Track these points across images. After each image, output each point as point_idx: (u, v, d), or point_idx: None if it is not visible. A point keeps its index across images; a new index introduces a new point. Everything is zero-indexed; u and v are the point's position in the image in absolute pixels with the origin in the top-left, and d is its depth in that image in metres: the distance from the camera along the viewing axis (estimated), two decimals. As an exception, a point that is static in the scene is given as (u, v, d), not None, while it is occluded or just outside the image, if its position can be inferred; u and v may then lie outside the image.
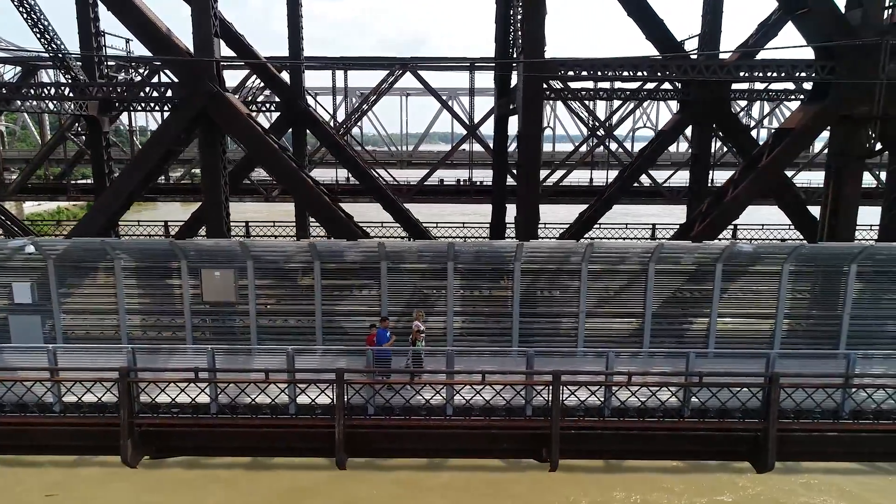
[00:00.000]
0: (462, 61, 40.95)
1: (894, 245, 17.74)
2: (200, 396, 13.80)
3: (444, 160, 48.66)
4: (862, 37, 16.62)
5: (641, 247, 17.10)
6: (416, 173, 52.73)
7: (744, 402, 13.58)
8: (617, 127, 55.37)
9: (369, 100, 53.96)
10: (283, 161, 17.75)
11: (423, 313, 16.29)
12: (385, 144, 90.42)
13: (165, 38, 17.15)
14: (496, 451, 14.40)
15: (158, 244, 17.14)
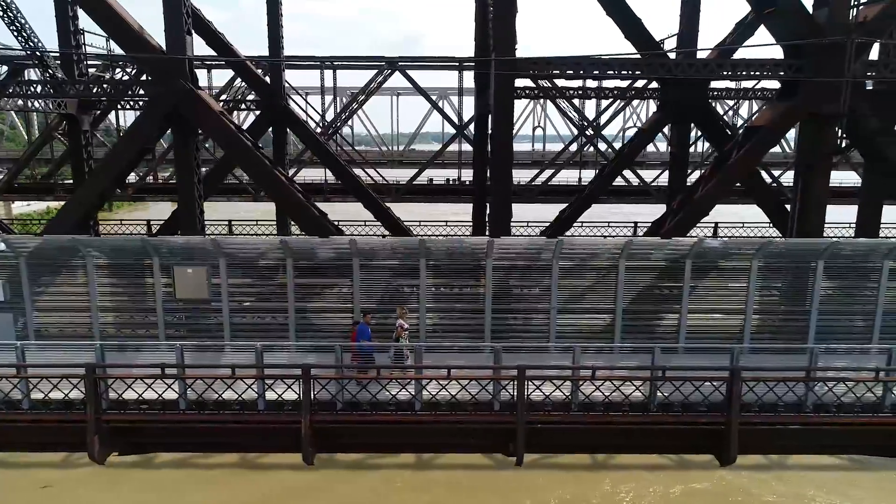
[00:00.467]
0: (445, 60, 41.03)
1: (860, 241, 18.02)
2: (169, 393, 13.87)
3: (432, 160, 48.70)
4: (828, 36, 16.79)
5: (611, 243, 17.22)
6: (407, 173, 52.92)
7: (706, 396, 13.74)
8: (605, 126, 55.55)
9: (358, 99, 54.20)
10: (256, 158, 17.80)
11: (406, 310, 16.39)
12: (376, 144, 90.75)
13: (138, 36, 17.17)
14: (464, 446, 14.51)
15: (130, 241, 17.20)
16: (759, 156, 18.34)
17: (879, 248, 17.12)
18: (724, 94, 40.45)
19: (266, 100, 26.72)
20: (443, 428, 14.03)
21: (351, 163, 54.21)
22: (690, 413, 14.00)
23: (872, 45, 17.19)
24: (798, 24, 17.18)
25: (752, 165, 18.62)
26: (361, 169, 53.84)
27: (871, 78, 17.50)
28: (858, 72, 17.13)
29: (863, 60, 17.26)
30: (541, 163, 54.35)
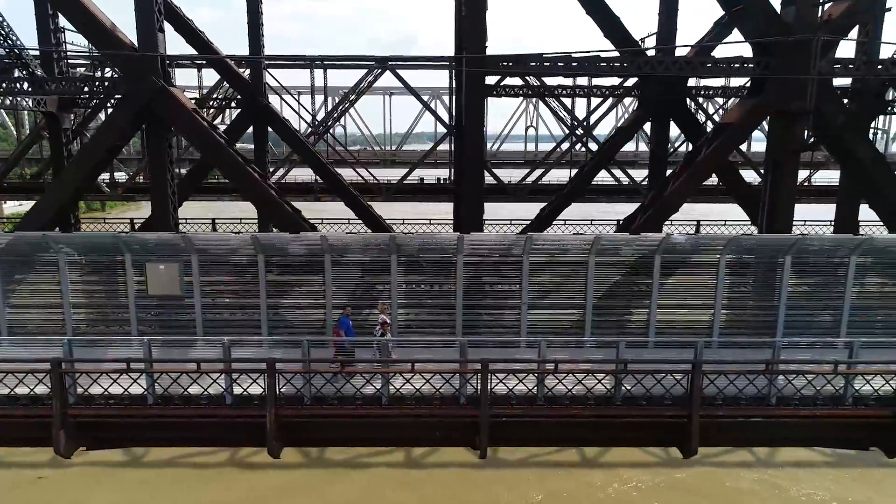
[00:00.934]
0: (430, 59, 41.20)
1: (827, 236, 18.22)
2: (138, 388, 13.94)
3: (422, 159, 48.71)
4: (795, 34, 16.97)
5: (581, 239, 17.36)
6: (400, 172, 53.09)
7: (668, 389, 13.89)
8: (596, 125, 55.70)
9: (349, 98, 54.30)
10: (229, 156, 17.90)
11: (387, 306, 16.49)
12: (369, 144, 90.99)
13: (110, 33, 17.26)
14: (430, 440, 14.63)
15: (101, 238, 17.23)
16: (727, 152, 18.50)
17: (846, 244, 17.32)
18: (711, 92, 40.60)
19: (247, 98, 26.75)
20: (409, 422, 14.13)
21: (342, 163, 54.63)
22: (654, 406, 14.14)
23: (838, 42, 17.37)
24: (765, 22, 17.37)
25: (721, 162, 18.79)
26: (352, 168, 54.21)
27: (837, 75, 17.66)
28: (824, 69, 17.32)
29: (829, 58, 17.44)
30: (533, 162, 54.55)
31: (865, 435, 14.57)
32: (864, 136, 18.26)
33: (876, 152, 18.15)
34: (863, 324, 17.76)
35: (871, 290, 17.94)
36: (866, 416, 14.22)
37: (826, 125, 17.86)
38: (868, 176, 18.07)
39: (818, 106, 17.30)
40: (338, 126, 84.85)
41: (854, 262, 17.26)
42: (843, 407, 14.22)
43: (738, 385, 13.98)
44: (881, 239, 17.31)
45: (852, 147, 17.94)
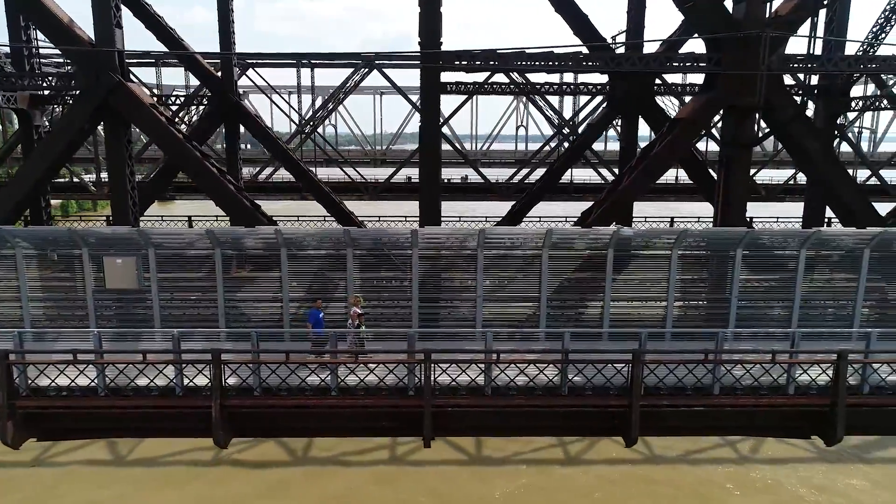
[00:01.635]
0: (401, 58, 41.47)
1: (777, 230, 18.47)
2: (93, 380, 14.09)
3: (409, 158, 48.45)
4: (744, 30, 17.20)
5: (533, 232, 17.57)
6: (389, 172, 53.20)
7: (608, 379, 14.11)
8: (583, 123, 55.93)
9: (336, 97, 54.48)
10: (187, 151, 18.04)
11: (360, 298, 16.63)
12: (360, 143, 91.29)
13: (67, 29, 17.38)
14: (377, 430, 14.80)
15: (57, 232, 17.34)
16: (680, 147, 18.71)
17: (796, 238, 17.56)
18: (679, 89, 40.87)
19: (217, 96, 26.88)
20: (356, 412, 14.32)
21: (331, 162, 54.78)
22: (597, 396, 14.35)
23: (787, 38, 17.61)
24: (715, 17, 17.60)
25: (674, 157, 19.02)
26: (339, 168, 54.37)
27: (787, 71, 17.92)
28: (774, 65, 17.55)
29: (779, 54, 17.69)
30: (523, 161, 54.78)
31: (807, 424, 14.81)
32: (813, 131, 18.47)
33: (826, 148, 18.40)
34: (814, 316, 18.04)
35: (821, 283, 18.19)
36: (806, 405, 14.46)
37: (777, 120, 18.10)
38: (819, 172, 18.31)
39: (768, 101, 17.54)
40: (328, 126, 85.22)
41: (804, 255, 17.49)
42: (783, 396, 14.44)
43: (681, 375, 14.18)
44: (829, 232, 17.58)
45: (802, 143, 18.19)
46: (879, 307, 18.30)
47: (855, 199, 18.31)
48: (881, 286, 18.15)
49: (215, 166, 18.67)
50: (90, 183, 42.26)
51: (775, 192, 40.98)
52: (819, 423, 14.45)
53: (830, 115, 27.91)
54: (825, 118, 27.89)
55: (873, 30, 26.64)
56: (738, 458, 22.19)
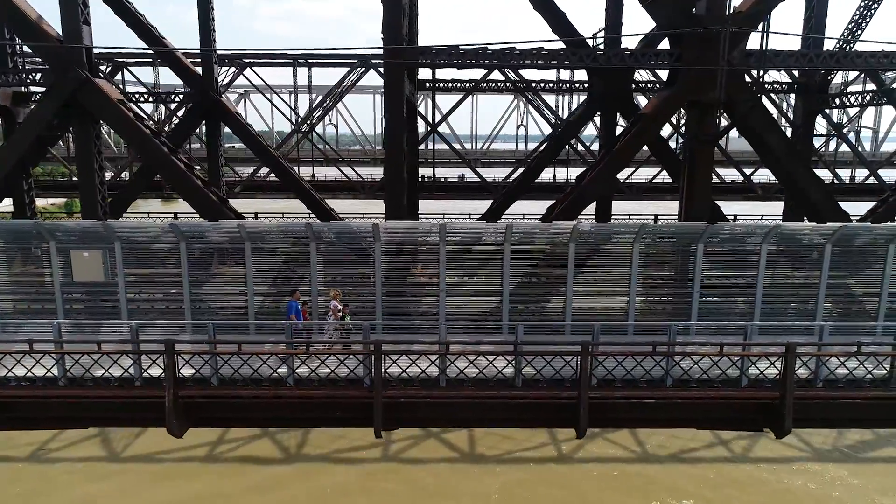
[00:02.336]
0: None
1: (738, 224, 18.54)
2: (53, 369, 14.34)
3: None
4: (705, 25, 17.29)
5: (494, 226, 17.70)
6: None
7: (557, 370, 14.23)
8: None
9: (332, 95, 54.76)
10: (152, 145, 18.27)
11: (340, 292, 16.78)
12: (360, 143, 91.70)
13: (35, 26, 17.62)
14: (331, 420, 14.93)
15: (23, 225, 17.58)
16: (642, 142, 18.82)
17: (757, 232, 17.62)
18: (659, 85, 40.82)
19: (197, 93, 27.11)
20: (311, 403, 14.49)
21: (330, 161, 54.90)
22: (548, 388, 14.47)
23: (748, 34, 17.67)
24: (676, 13, 17.68)
25: (634, 153, 19.09)
26: (336, 167, 54.62)
27: (748, 66, 17.98)
28: (736, 60, 17.64)
29: (740, 49, 17.76)
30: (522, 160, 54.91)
31: (760, 416, 14.86)
32: (775, 127, 18.53)
33: (788, 144, 18.44)
34: (778, 311, 18.09)
35: (783, 278, 18.25)
36: (756, 398, 14.53)
37: (739, 116, 18.17)
38: (782, 168, 18.38)
39: (730, 96, 17.63)
40: (329, 125, 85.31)
41: (765, 249, 17.55)
42: (734, 389, 14.53)
43: (649, 367, 14.25)
44: (790, 227, 17.63)
45: (764, 138, 18.25)
46: (843, 302, 18.36)
47: (819, 195, 18.35)
48: (844, 281, 18.22)
49: (183, 162, 18.89)
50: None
51: (771, 192, 41.16)
52: (771, 416, 14.50)
53: (809, 112, 28.07)
54: (803, 114, 28.04)
55: (849, 26, 26.66)
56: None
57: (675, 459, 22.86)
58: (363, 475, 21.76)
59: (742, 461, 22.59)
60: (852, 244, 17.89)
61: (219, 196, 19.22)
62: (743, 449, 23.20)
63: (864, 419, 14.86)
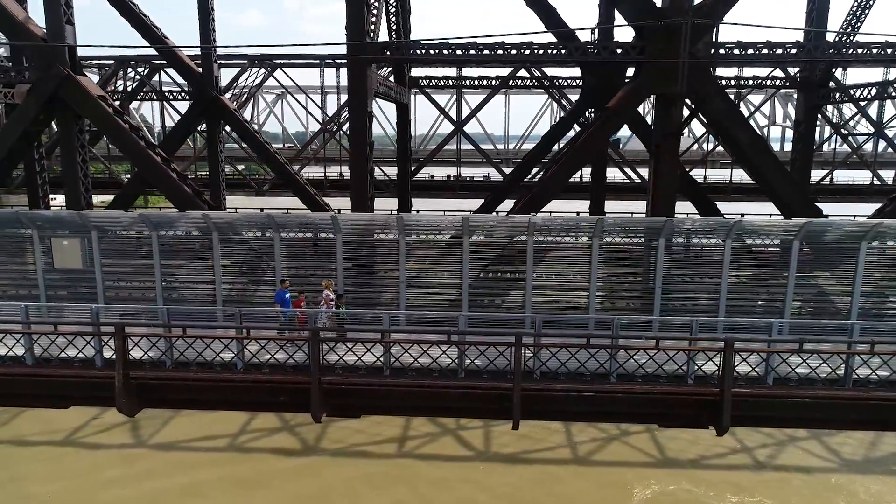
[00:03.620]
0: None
1: (700, 219, 18.20)
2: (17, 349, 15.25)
3: (430, 157, 48.29)
4: (667, 18, 17.09)
5: (450, 219, 17.86)
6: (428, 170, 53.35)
7: (491, 360, 14.32)
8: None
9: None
10: (130, 139, 19.09)
11: (332, 283, 17.23)
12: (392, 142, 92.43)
13: (21, 25, 18.64)
14: (274, 404, 15.33)
15: (6, 214, 18.57)
16: (605, 136, 18.65)
17: (720, 228, 17.30)
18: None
19: (196, 91, 28.03)
20: (256, 387, 14.95)
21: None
22: (488, 379, 14.57)
23: (713, 27, 17.37)
24: (640, 6, 17.52)
25: (599, 146, 18.93)
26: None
27: (713, 60, 17.67)
28: (700, 53, 17.35)
29: (705, 42, 17.46)
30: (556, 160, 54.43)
31: (704, 413, 14.60)
32: (743, 120, 18.12)
33: (756, 137, 18.01)
34: (745, 308, 17.73)
35: (746, 273, 17.87)
36: (699, 394, 14.31)
37: (708, 110, 17.88)
38: (750, 162, 17.98)
39: (694, 90, 17.37)
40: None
41: (729, 245, 17.21)
42: (674, 385, 14.35)
43: (595, 361, 14.24)
44: (754, 222, 17.21)
45: (732, 133, 17.89)
46: (814, 300, 17.86)
47: (788, 191, 17.88)
48: (815, 279, 17.72)
49: (161, 155, 19.67)
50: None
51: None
52: (712, 413, 14.27)
53: (810, 108, 27.24)
54: (805, 110, 27.24)
55: (849, 19, 25.79)
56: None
57: (694, 465, 22.03)
58: (384, 468, 22.14)
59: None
60: (822, 241, 17.40)
61: (194, 189, 19.94)
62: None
63: (813, 419, 14.43)
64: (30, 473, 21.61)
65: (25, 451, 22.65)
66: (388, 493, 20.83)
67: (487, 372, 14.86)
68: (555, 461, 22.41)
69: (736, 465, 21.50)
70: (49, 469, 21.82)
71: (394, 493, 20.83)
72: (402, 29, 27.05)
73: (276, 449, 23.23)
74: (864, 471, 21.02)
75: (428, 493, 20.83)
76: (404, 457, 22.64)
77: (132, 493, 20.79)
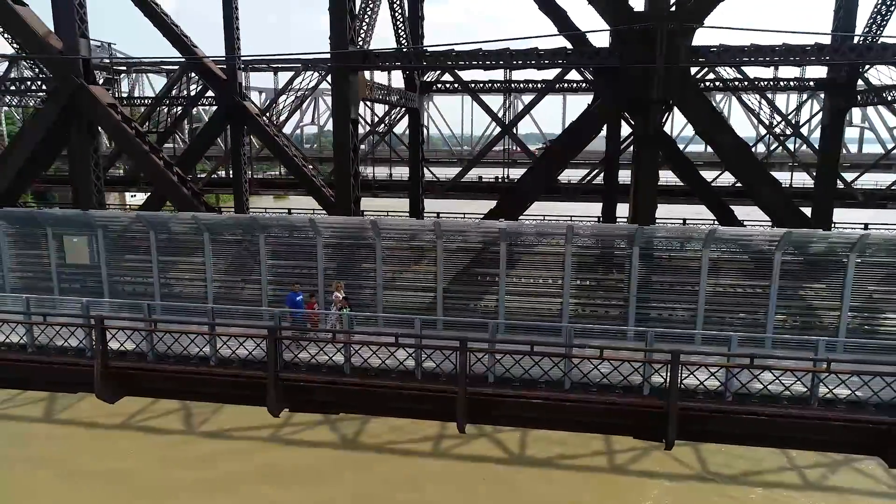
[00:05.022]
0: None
1: (675, 228, 17.73)
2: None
3: (477, 158, 48.11)
4: (644, 23, 16.82)
5: (423, 224, 18.14)
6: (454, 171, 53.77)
7: (438, 364, 14.55)
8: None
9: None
10: (137, 146, 20.44)
11: (341, 285, 17.89)
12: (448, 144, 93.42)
13: (41, 39, 20.29)
14: (238, 397, 16.06)
15: (24, 212, 20.22)
16: (581, 142, 18.43)
17: (696, 237, 16.84)
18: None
19: (220, 97, 29.49)
20: (220, 380, 15.80)
21: (398, 162, 55.85)
22: (435, 381, 14.82)
23: (693, 31, 16.92)
24: (618, 11, 17.30)
25: (575, 152, 18.70)
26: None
27: (690, 63, 17.22)
28: (681, 58, 16.96)
29: (686, 46, 17.04)
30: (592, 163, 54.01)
31: (657, 424, 14.30)
32: (725, 125, 17.53)
33: (739, 143, 17.36)
34: (725, 319, 17.18)
35: (730, 285, 17.28)
36: (649, 407, 14.05)
37: (687, 115, 17.46)
38: (734, 167, 17.40)
39: (672, 95, 17.03)
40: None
41: (707, 255, 16.74)
42: (619, 395, 14.16)
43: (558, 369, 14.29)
44: (729, 232, 16.66)
45: (715, 137, 17.37)
46: (800, 313, 17.10)
47: (773, 198, 17.20)
48: (799, 292, 16.96)
49: (165, 160, 20.97)
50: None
51: (874, 199, 38.14)
52: (659, 425, 13.98)
53: (836, 111, 25.91)
54: (830, 113, 25.96)
55: (876, 20, 24.39)
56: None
57: (737, 482, 21.49)
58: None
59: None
60: (807, 253, 16.65)
61: (194, 191, 21.11)
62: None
63: (769, 437, 13.88)
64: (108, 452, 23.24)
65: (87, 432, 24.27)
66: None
67: (447, 375, 15.10)
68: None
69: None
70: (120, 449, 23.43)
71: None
72: (412, 35, 27.45)
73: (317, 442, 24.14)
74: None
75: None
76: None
77: (208, 475, 22.09)
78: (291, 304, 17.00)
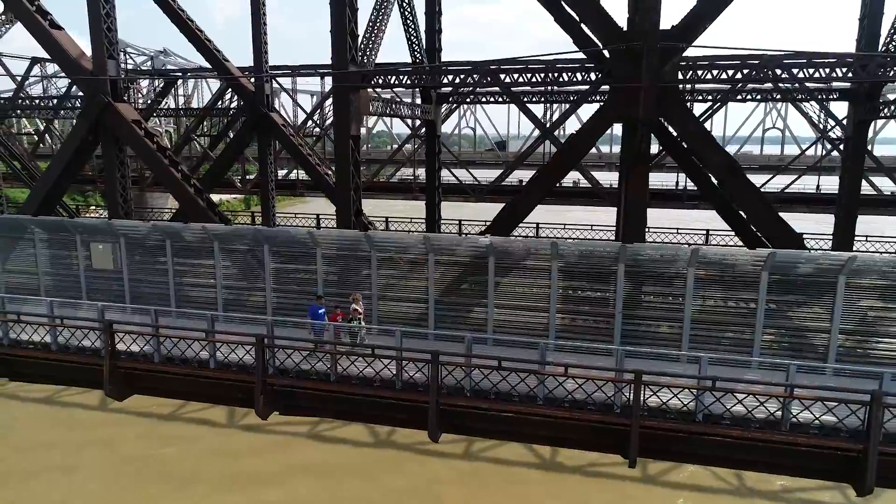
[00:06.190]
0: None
1: (661, 246, 17.71)
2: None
3: (521, 160, 48.28)
4: (630, 41, 16.97)
5: (415, 238, 18.74)
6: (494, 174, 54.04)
7: (411, 376, 15.17)
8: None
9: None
10: (157, 159, 21.88)
11: (360, 296, 18.47)
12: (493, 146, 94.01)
13: (75, 61, 21.99)
14: (231, 399, 17.04)
15: (56, 221, 21.90)
16: (574, 158, 18.63)
17: (682, 256, 16.85)
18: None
19: (248, 108, 30.88)
20: (216, 382, 16.91)
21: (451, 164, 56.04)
22: (411, 392, 15.48)
23: (682, 48, 16.94)
24: (604, 28, 17.49)
25: (569, 167, 18.85)
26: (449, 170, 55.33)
27: (676, 82, 17.23)
28: (667, 76, 17.02)
29: (673, 64, 17.09)
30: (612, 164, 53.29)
31: (621, 442, 14.47)
32: (713, 143, 17.40)
33: (729, 161, 17.22)
34: (711, 339, 17.13)
35: (713, 304, 17.19)
36: (614, 424, 14.28)
37: (677, 133, 17.50)
38: (724, 184, 17.32)
39: (660, 113, 17.12)
40: (466, 129, 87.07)
41: (693, 273, 16.75)
42: (586, 411, 14.45)
43: (475, 378, 14.81)
44: (714, 252, 16.58)
45: (704, 155, 17.32)
46: (787, 335, 16.87)
47: (763, 216, 17.03)
48: (787, 313, 16.74)
49: (182, 172, 22.36)
50: (237, 180, 49.06)
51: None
52: (625, 442, 14.19)
53: (860, 122, 25.18)
54: (854, 124, 25.26)
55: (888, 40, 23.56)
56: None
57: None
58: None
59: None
60: (794, 274, 16.43)
61: (209, 202, 22.40)
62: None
63: (734, 459, 13.86)
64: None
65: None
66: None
67: (422, 386, 15.72)
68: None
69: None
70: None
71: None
72: (429, 49, 27.98)
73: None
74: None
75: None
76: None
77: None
78: (313, 317, 17.62)
